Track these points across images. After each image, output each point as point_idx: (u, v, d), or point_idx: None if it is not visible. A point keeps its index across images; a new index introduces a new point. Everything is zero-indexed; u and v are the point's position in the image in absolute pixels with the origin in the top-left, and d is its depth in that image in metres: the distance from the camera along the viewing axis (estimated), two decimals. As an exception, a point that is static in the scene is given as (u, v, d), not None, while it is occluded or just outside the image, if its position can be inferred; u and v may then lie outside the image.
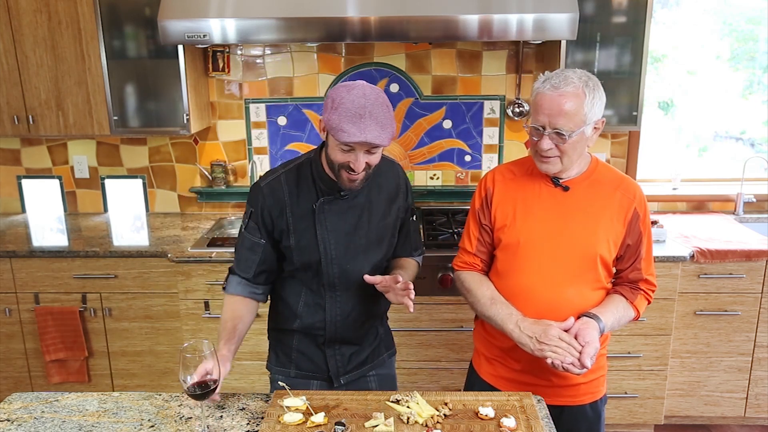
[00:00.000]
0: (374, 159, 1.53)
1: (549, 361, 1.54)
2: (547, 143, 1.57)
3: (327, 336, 1.74)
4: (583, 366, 1.51)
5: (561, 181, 1.67)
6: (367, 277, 1.60)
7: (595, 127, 1.61)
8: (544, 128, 1.57)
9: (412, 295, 1.56)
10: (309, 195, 1.64)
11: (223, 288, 1.75)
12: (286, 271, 1.74)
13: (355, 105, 1.44)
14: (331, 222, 1.64)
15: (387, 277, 1.60)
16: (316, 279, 1.69)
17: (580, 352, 1.53)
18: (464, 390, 1.95)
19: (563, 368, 1.52)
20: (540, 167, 1.65)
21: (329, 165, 1.57)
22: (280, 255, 1.71)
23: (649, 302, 1.76)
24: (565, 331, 1.58)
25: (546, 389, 1.71)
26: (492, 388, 1.79)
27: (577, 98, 1.54)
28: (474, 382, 1.87)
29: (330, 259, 1.66)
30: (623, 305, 1.69)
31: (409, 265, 1.83)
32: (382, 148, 1.53)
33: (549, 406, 1.62)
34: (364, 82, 1.51)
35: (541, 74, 1.62)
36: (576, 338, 1.56)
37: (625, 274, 1.73)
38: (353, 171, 1.51)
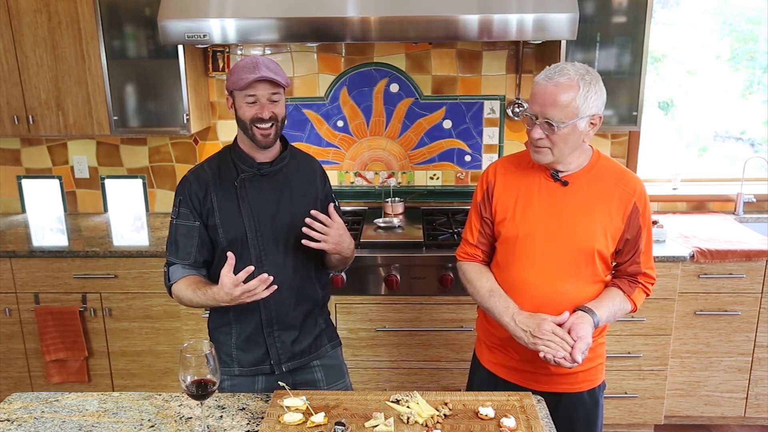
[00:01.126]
0: (279, 109, 1.69)
1: (542, 354, 1.56)
2: (537, 132, 1.59)
3: (263, 319, 1.77)
4: (573, 361, 1.53)
5: (560, 175, 1.68)
6: (314, 212, 1.66)
7: (591, 123, 1.61)
8: (536, 117, 1.59)
9: (336, 216, 1.69)
10: (230, 175, 1.75)
11: (167, 284, 1.77)
12: (215, 260, 1.78)
13: (248, 61, 1.67)
14: (253, 197, 1.74)
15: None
16: (243, 257, 1.72)
17: (572, 347, 1.54)
18: (468, 377, 1.97)
19: (555, 362, 1.55)
20: (532, 156, 1.67)
21: (242, 128, 1.71)
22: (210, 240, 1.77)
23: (648, 295, 1.77)
24: (560, 325, 1.59)
25: (544, 377, 1.73)
26: (493, 376, 1.82)
27: (570, 90, 1.54)
28: (476, 370, 1.90)
29: (255, 232, 1.73)
30: (620, 299, 1.70)
31: None
32: (283, 96, 1.71)
33: (547, 394, 1.65)
34: None
35: (547, 66, 1.62)
36: (569, 333, 1.57)
37: (624, 267, 1.73)
38: (263, 122, 1.66)
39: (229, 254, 1.58)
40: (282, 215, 1.75)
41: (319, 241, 1.67)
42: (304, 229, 1.65)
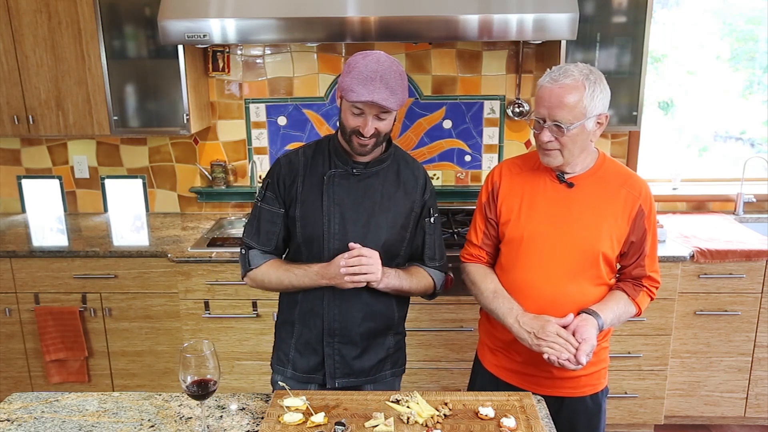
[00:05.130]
0: (384, 126, 1.58)
1: (546, 356, 1.56)
2: (546, 135, 1.59)
3: (325, 326, 1.70)
4: (578, 363, 1.53)
5: (566, 177, 1.68)
6: (352, 245, 1.61)
7: (598, 122, 1.61)
8: (544, 120, 1.59)
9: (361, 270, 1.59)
10: (322, 167, 1.68)
11: (246, 269, 1.72)
12: (291, 251, 1.75)
13: (368, 69, 1.52)
14: (338, 195, 1.66)
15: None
16: (317, 257, 1.67)
17: (577, 349, 1.54)
18: (470, 379, 1.96)
19: (559, 364, 1.54)
20: (542, 160, 1.66)
21: (342, 132, 1.62)
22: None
23: (652, 298, 1.76)
24: (564, 327, 1.59)
25: (547, 381, 1.73)
26: (496, 379, 1.81)
27: (577, 91, 1.55)
28: (478, 373, 1.89)
29: (332, 233, 1.65)
30: (624, 302, 1.70)
31: (418, 273, 1.77)
32: (393, 114, 1.59)
33: (549, 398, 1.64)
34: (382, 51, 1.58)
35: (548, 69, 1.62)
36: (574, 335, 1.57)
37: (629, 270, 1.73)
38: (363, 136, 1.56)
39: (351, 245, 1.60)
40: (365, 222, 1.65)
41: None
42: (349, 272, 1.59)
